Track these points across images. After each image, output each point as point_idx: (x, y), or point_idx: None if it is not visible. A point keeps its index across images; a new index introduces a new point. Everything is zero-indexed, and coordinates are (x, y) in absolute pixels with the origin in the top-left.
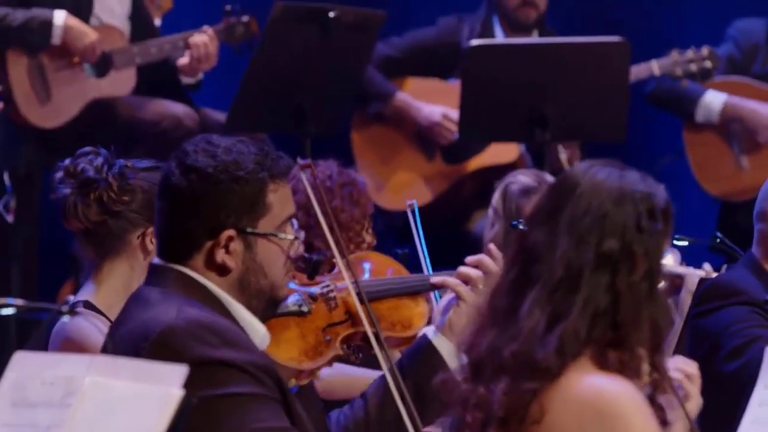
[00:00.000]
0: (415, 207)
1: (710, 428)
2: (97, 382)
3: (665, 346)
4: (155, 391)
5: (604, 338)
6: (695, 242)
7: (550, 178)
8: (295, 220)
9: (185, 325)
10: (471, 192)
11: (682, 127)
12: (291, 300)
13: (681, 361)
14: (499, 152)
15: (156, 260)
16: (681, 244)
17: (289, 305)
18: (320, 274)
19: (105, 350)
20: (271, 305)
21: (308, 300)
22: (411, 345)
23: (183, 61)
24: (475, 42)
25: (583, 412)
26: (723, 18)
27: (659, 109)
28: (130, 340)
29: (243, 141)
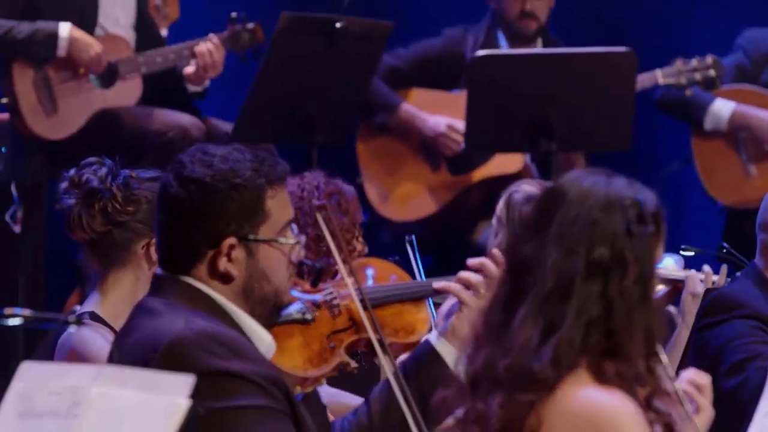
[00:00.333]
0: (413, 241)
1: None
2: (103, 392)
3: (668, 354)
4: (162, 402)
5: (599, 347)
6: (702, 252)
7: None
8: (294, 225)
9: (194, 336)
10: (476, 202)
11: (689, 135)
12: (294, 308)
13: (693, 374)
14: (504, 163)
15: (159, 271)
16: (687, 254)
17: (293, 313)
18: (323, 281)
19: (111, 360)
20: (275, 311)
21: (312, 308)
22: (414, 350)
23: (189, 69)
24: (480, 52)
25: (578, 425)
26: (729, 27)
27: (667, 115)
28: (139, 350)
29: (238, 149)
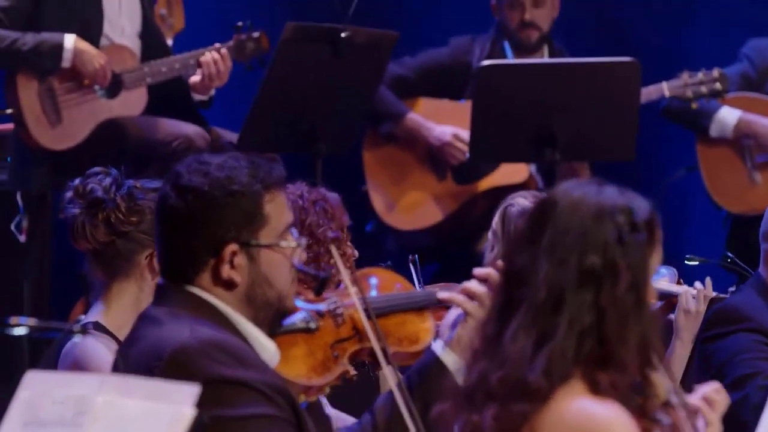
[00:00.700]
0: (416, 260)
1: None
2: (108, 401)
3: (667, 365)
4: (167, 411)
5: (592, 356)
6: (706, 262)
7: None
8: (294, 229)
9: (198, 345)
10: (481, 212)
11: (693, 143)
12: (298, 317)
13: (709, 389)
14: (510, 172)
15: (161, 281)
16: (692, 263)
17: (297, 322)
18: (326, 291)
19: (116, 370)
20: (278, 316)
21: (315, 317)
22: (418, 360)
23: (195, 79)
24: (485, 62)
25: None
26: (734, 39)
27: (673, 123)
28: (143, 359)
29: (234, 156)
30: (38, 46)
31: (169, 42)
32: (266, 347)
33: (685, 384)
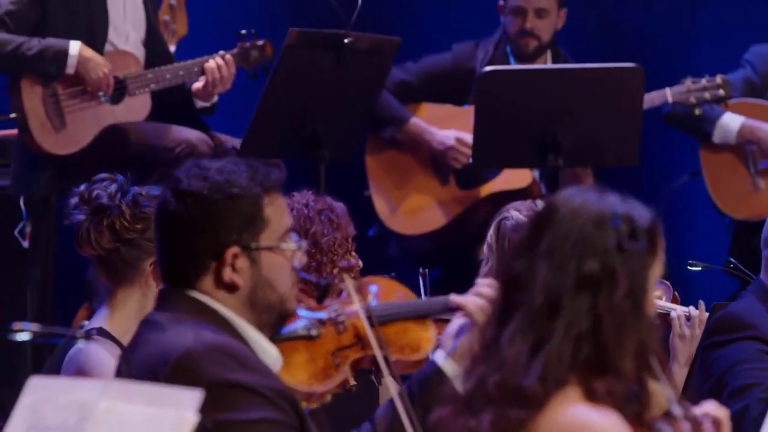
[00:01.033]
0: (427, 274)
1: None
2: (111, 406)
3: (669, 375)
4: (170, 416)
5: (589, 362)
6: (709, 267)
7: None
8: (294, 233)
9: (203, 349)
10: (484, 217)
11: (696, 149)
12: (299, 325)
13: (710, 407)
14: (513, 177)
15: (163, 286)
16: (695, 269)
17: (298, 330)
18: (328, 298)
19: (119, 374)
20: (280, 319)
21: (317, 324)
22: (419, 370)
23: (197, 85)
24: (488, 68)
25: None
26: (737, 45)
27: (676, 129)
28: (148, 364)
29: (232, 161)
30: (43, 52)
31: (172, 48)
32: (269, 351)
33: (686, 394)
